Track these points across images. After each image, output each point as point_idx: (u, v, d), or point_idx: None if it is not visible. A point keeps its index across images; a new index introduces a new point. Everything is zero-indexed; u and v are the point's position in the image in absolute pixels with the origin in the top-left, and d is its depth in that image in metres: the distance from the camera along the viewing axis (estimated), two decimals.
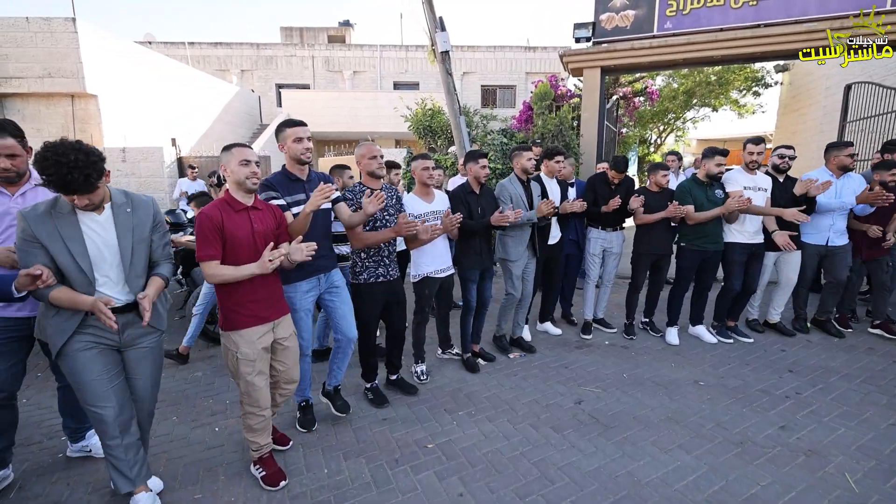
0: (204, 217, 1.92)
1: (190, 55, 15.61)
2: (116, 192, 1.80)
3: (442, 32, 5.18)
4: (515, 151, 3.43)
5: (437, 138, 6.68)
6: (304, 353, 2.52)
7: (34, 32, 7.67)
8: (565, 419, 2.70)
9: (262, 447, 2.16)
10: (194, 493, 2.11)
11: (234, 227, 1.95)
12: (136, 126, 8.95)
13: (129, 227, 1.77)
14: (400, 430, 2.61)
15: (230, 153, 2.01)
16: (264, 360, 2.09)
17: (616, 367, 3.37)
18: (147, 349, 1.92)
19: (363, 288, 2.70)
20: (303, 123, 2.36)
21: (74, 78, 7.78)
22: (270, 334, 2.11)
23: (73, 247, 1.65)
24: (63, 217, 1.66)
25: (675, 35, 6.68)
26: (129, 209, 1.79)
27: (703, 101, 12.39)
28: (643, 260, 3.82)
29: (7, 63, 7.74)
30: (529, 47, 15.89)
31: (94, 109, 8.12)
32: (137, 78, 9.16)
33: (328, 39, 18.50)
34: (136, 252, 1.79)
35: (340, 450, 2.43)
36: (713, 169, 3.51)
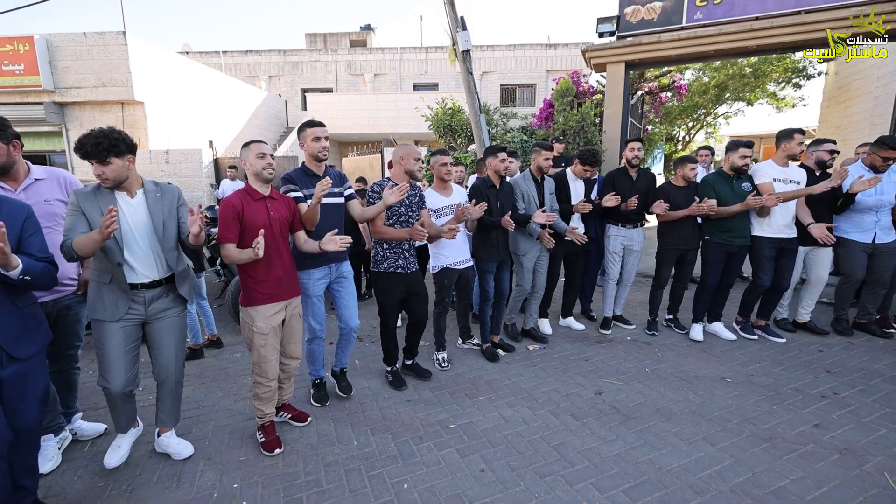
0: (226, 204, 2.17)
1: (223, 63, 16.41)
2: (148, 182, 2.08)
3: (463, 32, 5.26)
4: (534, 148, 3.47)
5: (456, 137, 6.76)
6: (318, 336, 2.70)
7: (90, 46, 8.34)
8: (585, 408, 2.72)
9: (265, 415, 2.36)
10: (239, 455, 2.31)
11: (252, 214, 2.19)
12: (177, 130, 9.54)
13: (158, 208, 2.05)
14: (423, 410, 2.71)
15: (248, 149, 2.24)
16: (276, 335, 2.29)
17: (638, 362, 3.34)
18: (171, 320, 2.13)
19: (381, 276, 2.83)
20: (321, 124, 2.55)
21: (124, 87, 8.39)
22: (282, 312, 2.32)
23: None
24: (104, 198, 1.94)
25: (707, 26, 6.50)
26: (158, 194, 2.07)
27: (736, 95, 11.87)
28: (668, 255, 3.73)
29: (68, 75, 8.45)
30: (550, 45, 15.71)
31: (141, 115, 8.72)
32: (178, 85, 9.75)
33: (350, 44, 19.01)
34: (167, 227, 2.05)
35: (368, 425, 2.56)
36: (737, 161, 3.42)
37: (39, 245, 1.73)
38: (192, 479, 2.12)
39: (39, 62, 8.36)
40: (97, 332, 2.01)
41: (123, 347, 2.02)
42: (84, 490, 2.05)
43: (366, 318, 4.37)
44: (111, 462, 2.11)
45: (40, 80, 8.39)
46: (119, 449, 2.16)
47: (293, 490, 2.04)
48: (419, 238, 2.66)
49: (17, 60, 8.37)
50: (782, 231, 3.50)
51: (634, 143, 3.75)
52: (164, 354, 2.13)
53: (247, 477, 2.13)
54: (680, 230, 3.64)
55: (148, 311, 2.06)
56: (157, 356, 2.14)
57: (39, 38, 8.36)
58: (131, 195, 2.00)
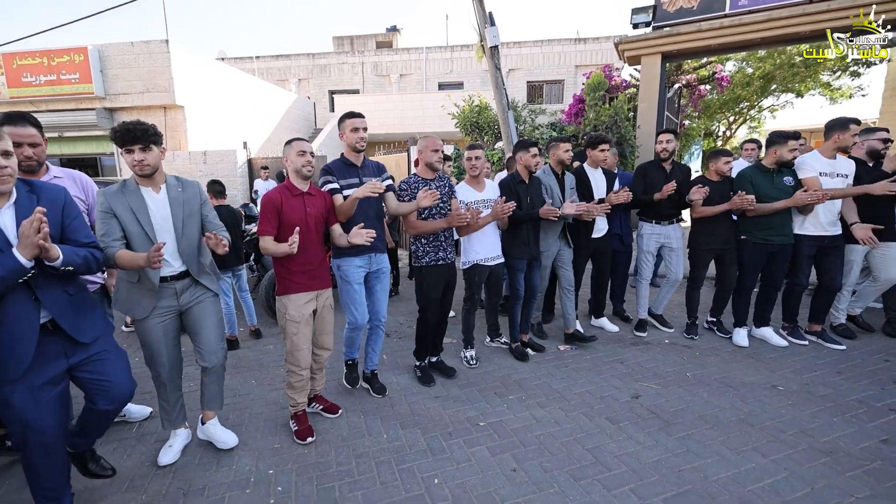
0: (267, 199, 2.27)
1: (256, 68, 17.04)
2: (170, 177, 2.11)
3: (491, 27, 5.19)
4: (552, 143, 3.38)
5: (483, 134, 6.68)
6: (358, 326, 2.70)
7: (137, 54, 8.85)
8: (621, 412, 2.59)
9: (298, 404, 2.40)
10: (273, 443, 2.36)
11: (290, 209, 2.26)
12: (214, 132, 9.96)
13: (180, 202, 2.06)
14: (452, 407, 2.66)
15: (290, 146, 2.33)
16: (307, 324, 2.33)
17: (678, 366, 3.16)
18: (206, 303, 2.17)
19: (424, 270, 2.83)
20: (359, 115, 2.56)
21: (167, 92, 8.85)
22: (314, 302, 2.37)
23: (140, 217, 1.95)
24: (132, 194, 1.97)
25: (754, 12, 6.15)
26: (180, 189, 2.10)
27: (784, 87, 11.08)
28: (703, 255, 3.51)
29: (117, 82, 9.01)
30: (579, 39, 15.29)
31: (182, 119, 9.17)
32: (215, 90, 10.18)
33: (376, 45, 19.29)
34: (186, 224, 2.06)
35: (397, 419, 2.55)
36: (786, 155, 3.16)
37: (82, 229, 1.74)
38: (230, 464, 2.19)
39: (92, 71, 8.92)
40: (137, 328, 2.08)
41: (164, 341, 2.09)
42: (133, 468, 2.16)
43: (392, 315, 4.38)
44: (164, 460, 2.17)
45: (93, 88, 8.95)
46: (171, 448, 2.22)
47: (326, 479, 2.06)
48: (460, 223, 2.65)
49: (73, 70, 8.96)
50: (825, 229, 3.24)
51: (664, 135, 3.57)
52: (206, 338, 2.16)
53: (281, 464, 2.17)
54: (714, 228, 3.41)
55: (181, 302, 2.10)
56: (200, 341, 2.17)
57: (92, 48, 8.92)
58: (156, 190, 2.04)
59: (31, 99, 9.26)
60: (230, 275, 3.76)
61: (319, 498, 1.94)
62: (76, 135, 9.73)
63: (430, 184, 2.78)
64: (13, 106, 9.34)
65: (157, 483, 2.05)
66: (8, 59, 9.03)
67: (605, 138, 3.55)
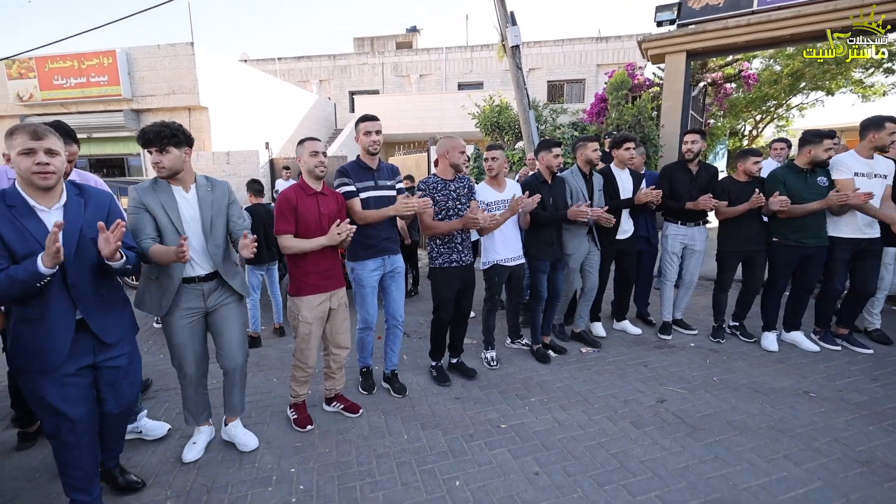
0: (282, 198, 2.29)
1: (278, 69, 17.32)
2: (200, 177, 2.14)
3: (513, 27, 5.16)
4: (580, 142, 3.33)
5: (504, 134, 6.65)
6: (369, 326, 2.75)
7: (163, 57, 9.10)
8: (646, 416, 2.54)
9: (299, 395, 2.50)
10: (295, 441, 2.39)
11: (304, 208, 2.29)
12: (237, 132, 10.16)
13: (209, 201, 2.09)
14: (473, 409, 2.65)
15: (303, 146, 2.34)
16: (319, 324, 2.38)
17: (704, 370, 3.09)
18: (231, 306, 2.19)
19: (438, 272, 2.81)
20: (373, 118, 2.60)
21: (191, 93, 9.08)
22: (327, 303, 2.40)
23: (171, 214, 1.99)
24: (163, 191, 2.02)
25: (782, 8, 5.97)
26: (209, 189, 2.13)
27: (814, 84, 10.70)
28: (731, 257, 3.42)
29: (144, 84, 9.28)
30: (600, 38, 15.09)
31: (205, 120, 9.39)
32: (237, 91, 10.38)
33: (396, 46, 19.40)
34: (214, 224, 2.08)
35: (418, 420, 2.55)
36: (821, 155, 3.06)
37: (126, 234, 1.78)
38: (253, 461, 2.22)
39: (120, 73, 9.21)
40: (165, 327, 2.12)
41: (190, 342, 2.12)
42: (158, 464, 2.20)
43: (412, 315, 4.39)
44: (188, 457, 2.21)
45: (121, 90, 9.24)
46: (195, 446, 2.25)
47: (347, 479, 2.07)
48: (473, 226, 2.63)
49: (102, 72, 9.26)
50: (862, 231, 3.12)
51: (690, 135, 3.49)
52: (229, 341, 2.19)
53: (303, 462, 2.20)
54: (742, 230, 3.31)
55: (208, 304, 2.12)
56: (222, 343, 2.19)
57: (121, 51, 9.21)
58: (186, 189, 2.07)
59: (61, 101, 9.60)
60: (263, 271, 3.83)
61: (341, 498, 1.95)
62: (104, 136, 10.05)
63: (449, 185, 2.77)
64: (45, 108, 9.70)
65: (182, 479, 2.09)
66: (40, 62, 9.38)
67: (629, 137, 3.50)
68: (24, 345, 1.63)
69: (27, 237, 1.55)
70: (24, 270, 1.49)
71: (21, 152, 1.53)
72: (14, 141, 1.54)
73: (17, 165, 1.55)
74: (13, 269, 1.50)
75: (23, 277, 1.48)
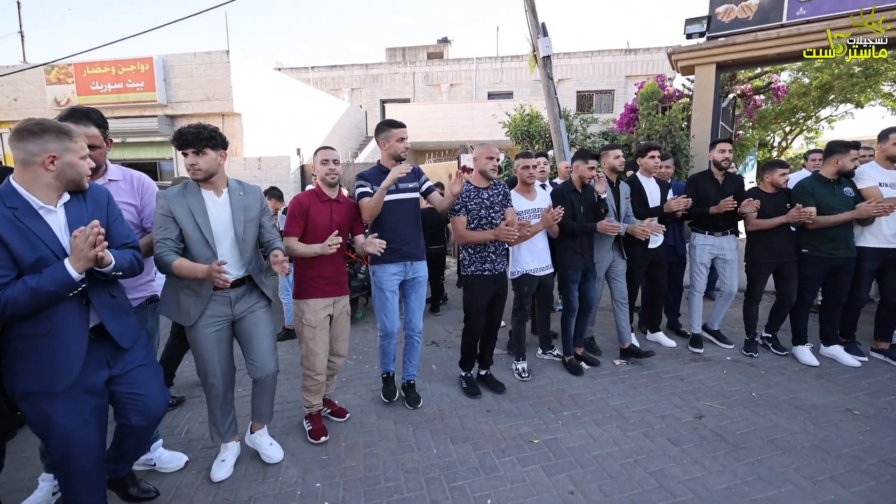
0: (296, 202, 2.33)
1: (311, 78, 17.77)
2: (232, 181, 2.10)
3: (544, 38, 5.21)
4: (603, 151, 3.34)
5: (534, 143, 6.67)
6: (390, 334, 2.71)
7: (198, 64, 9.41)
8: (684, 433, 2.49)
9: (313, 406, 2.48)
10: (321, 454, 2.36)
11: (317, 214, 2.32)
12: (269, 138, 10.41)
13: (241, 206, 2.05)
14: (504, 422, 2.63)
15: (316, 155, 2.39)
16: (324, 329, 2.39)
17: (742, 385, 3.02)
18: (259, 313, 2.13)
19: (470, 280, 2.81)
20: (403, 125, 2.59)
21: (225, 100, 9.35)
22: (331, 308, 2.42)
23: (200, 221, 1.93)
24: (193, 196, 1.95)
25: (811, 22, 5.89)
26: (241, 193, 2.09)
27: (843, 97, 10.50)
28: (762, 269, 3.38)
29: (179, 90, 9.59)
30: (629, 50, 15.13)
31: (238, 126, 9.65)
32: (270, 98, 10.66)
33: (427, 56, 19.69)
34: (246, 229, 2.04)
35: (447, 433, 2.52)
36: (848, 165, 3.10)
37: (124, 230, 1.66)
38: (276, 475, 2.16)
39: (156, 80, 9.54)
40: (190, 336, 2.03)
41: (217, 351, 2.04)
42: (179, 476, 2.16)
43: (441, 323, 4.40)
44: (218, 476, 2.11)
45: (156, 96, 9.58)
46: (224, 464, 2.16)
47: (374, 495, 2.02)
48: (508, 238, 2.61)
49: (139, 79, 9.62)
50: (889, 241, 3.13)
51: (724, 144, 3.46)
52: (258, 349, 2.11)
53: (329, 477, 2.15)
54: (772, 241, 3.30)
55: (234, 311, 2.05)
56: (252, 352, 2.11)
57: (157, 58, 9.57)
58: (218, 193, 2.01)
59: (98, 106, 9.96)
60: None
61: None
62: (137, 140, 10.41)
63: (482, 192, 2.76)
64: None
65: (203, 493, 2.03)
66: (79, 68, 9.75)
67: (654, 146, 3.51)
68: (30, 364, 1.42)
69: (35, 242, 1.38)
70: (52, 280, 1.34)
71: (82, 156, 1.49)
72: (75, 143, 1.47)
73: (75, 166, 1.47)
74: (32, 279, 1.34)
75: (52, 288, 1.34)
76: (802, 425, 2.53)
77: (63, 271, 1.36)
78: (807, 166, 4.45)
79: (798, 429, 2.49)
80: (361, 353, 3.75)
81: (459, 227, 2.73)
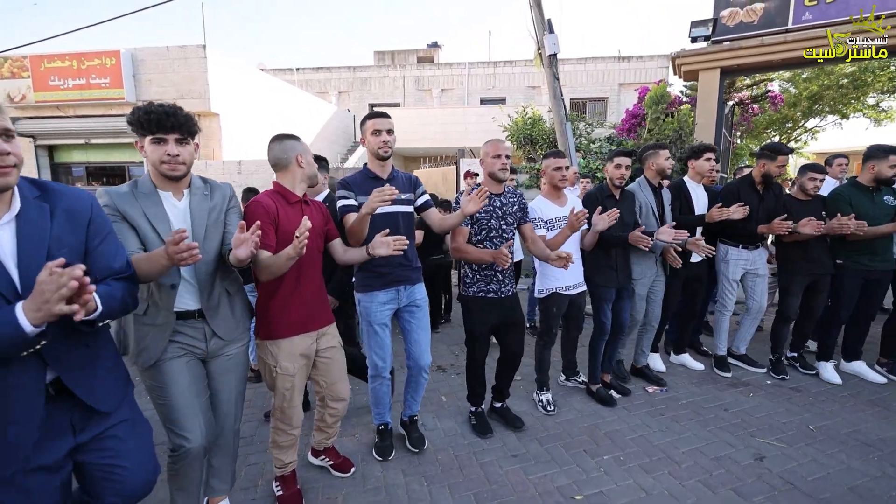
0: (258, 205, 1.73)
1: (296, 79, 17.04)
2: (196, 179, 1.63)
3: (550, 35, 4.89)
4: (650, 150, 2.95)
5: (536, 147, 6.34)
6: (382, 375, 2.24)
7: (172, 59, 8.69)
8: (748, 480, 2.10)
9: (285, 465, 1.97)
10: None
11: (286, 220, 1.78)
12: (250, 141, 9.75)
13: (205, 208, 1.59)
14: (535, 471, 2.19)
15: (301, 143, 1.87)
16: (303, 375, 1.88)
17: (794, 416, 2.67)
18: (232, 358, 1.69)
19: (470, 301, 2.38)
20: (384, 115, 2.10)
21: (201, 98, 8.65)
22: (314, 345, 1.89)
23: (159, 226, 1.47)
24: (146, 197, 1.49)
25: (818, 27, 5.80)
26: (206, 192, 1.63)
27: (832, 107, 10.68)
28: (797, 281, 3.10)
29: (150, 87, 8.84)
30: (622, 57, 15.17)
31: (216, 127, 8.98)
32: (252, 98, 10.02)
33: (417, 60, 19.29)
34: (209, 234, 1.58)
35: (470, 489, 2.07)
36: (886, 171, 2.88)
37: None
38: None
39: (124, 75, 8.76)
40: (151, 378, 1.54)
41: (193, 387, 1.57)
42: None
43: (446, 344, 3.94)
44: None
45: (124, 93, 8.82)
46: None
47: None
48: (502, 264, 2.14)
49: (104, 74, 8.84)
50: None
51: (784, 157, 3.10)
52: (222, 403, 1.69)
53: None
54: (808, 252, 3.05)
55: (210, 348, 1.62)
56: (217, 403, 1.69)
57: (125, 52, 8.81)
58: (178, 196, 1.55)
59: (57, 104, 9.15)
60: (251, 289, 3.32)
61: None
62: (103, 142, 9.63)
63: (494, 199, 2.33)
64: (38, 111, 9.26)
65: None
66: (35, 61, 8.83)
67: (710, 146, 3.14)
68: None
69: None
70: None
71: None
72: None
73: None
74: None
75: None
76: (879, 466, 2.19)
77: (11, 321, 0.93)
78: (830, 173, 4.23)
79: (875, 471, 2.15)
80: (359, 384, 3.21)
81: (459, 238, 2.29)
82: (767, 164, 3.03)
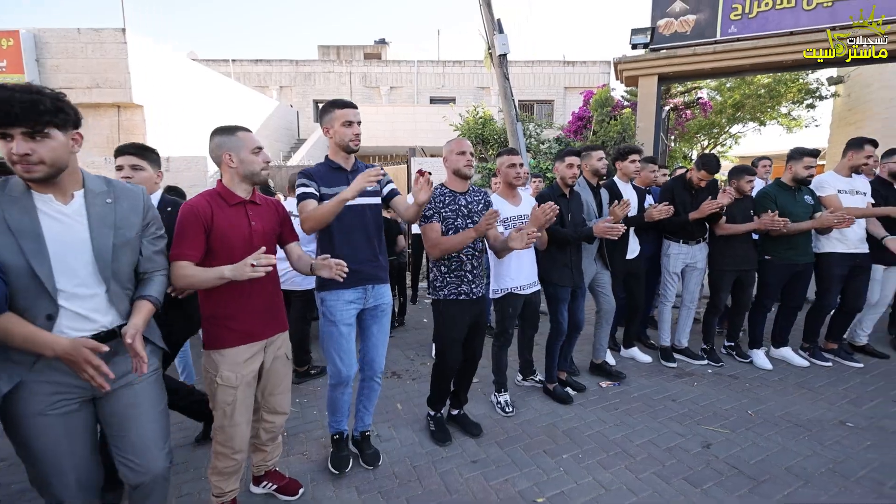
0: (189, 210, 1.57)
1: (232, 71, 15.87)
2: (94, 178, 1.34)
3: (500, 35, 4.91)
4: (584, 152, 3.03)
5: (487, 147, 6.35)
6: (343, 382, 2.08)
7: (84, 43, 7.73)
8: (698, 468, 2.18)
9: (224, 494, 1.76)
10: None
11: (226, 224, 1.61)
12: (180, 137, 8.91)
13: (109, 221, 1.30)
14: (496, 476, 2.13)
15: (235, 137, 1.66)
16: (248, 389, 1.70)
17: (734, 402, 2.83)
18: (142, 385, 1.38)
19: (443, 305, 2.28)
20: (352, 105, 1.98)
21: (122, 88, 7.78)
22: (260, 356, 1.74)
23: (25, 244, 1.17)
24: (14, 202, 1.18)
25: (742, 39, 6.32)
26: (109, 199, 1.33)
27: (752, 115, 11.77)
28: (725, 276, 3.34)
29: (58, 74, 7.82)
30: (567, 62, 15.74)
31: (140, 120, 8.12)
32: (182, 90, 9.17)
33: (364, 57, 18.78)
34: (117, 256, 1.31)
35: (430, 501, 1.96)
36: (801, 172, 3.17)
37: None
38: None
39: (25, 59, 7.65)
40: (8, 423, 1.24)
41: (66, 444, 1.26)
42: None
43: (401, 349, 3.81)
44: None
45: (24, 79, 7.78)
46: None
47: None
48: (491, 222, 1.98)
49: (0, 57, 7.78)
50: (855, 246, 3.25)
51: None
52: (137, 441, 1.35)
53: None
54: (736, 248, 3.29)
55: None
56: (125, 446, 1.34)
57: (26, 32, 7.71)
58: (64, 199, 1.26)
59: None
60: None
61: None
62: None
63: (459, 197, 2.25)
64: None
65: None
66: None
67: (635, 149, 3.27)
68: None
69: None
70: None
71: None
72: None
73: None
74: None
75: None
76: (809, 446, 2.35)
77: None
78: (758, 174, 4.58)
79: (806, 450, 2.31)
80: (307, 395, 3.01)
81: (432, 235, 2.17)
82: (703, 174, 3.25)
